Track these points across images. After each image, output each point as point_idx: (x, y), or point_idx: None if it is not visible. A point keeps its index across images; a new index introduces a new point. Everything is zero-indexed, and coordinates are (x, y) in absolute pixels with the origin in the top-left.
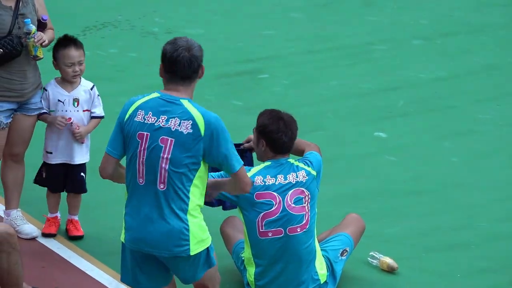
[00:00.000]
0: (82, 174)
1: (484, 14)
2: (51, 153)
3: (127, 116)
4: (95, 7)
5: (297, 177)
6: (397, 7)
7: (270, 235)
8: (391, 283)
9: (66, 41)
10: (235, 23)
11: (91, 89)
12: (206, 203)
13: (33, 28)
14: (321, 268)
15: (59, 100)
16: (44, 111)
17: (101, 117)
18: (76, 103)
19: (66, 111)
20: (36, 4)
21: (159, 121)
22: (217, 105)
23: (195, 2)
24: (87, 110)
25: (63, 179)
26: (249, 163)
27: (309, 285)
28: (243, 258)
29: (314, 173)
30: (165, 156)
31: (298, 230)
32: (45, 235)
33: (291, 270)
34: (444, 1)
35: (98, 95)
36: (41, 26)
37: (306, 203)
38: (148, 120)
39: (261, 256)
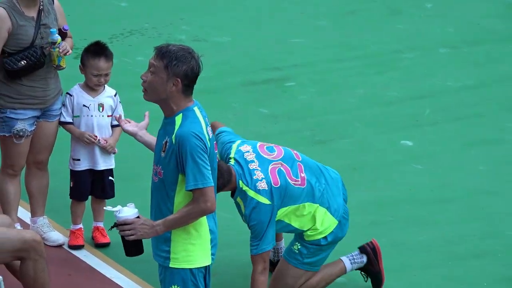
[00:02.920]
0: (110, 178)
1: (511, 23)
2: (78, 160)
3: None
4: (122, 15)
5: None
6: (424, 15)
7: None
8: None
9: (97, 50)
10: (262, 30)
11: (115, 95)
12: None
13: (59, 38)
14: None
15: (84, 105)
16: (69, 120)
17: None
18: (101, 108)
19: (91, 116)
20: (57, 14)
21: None
22: (243, 113)
23: (222, 10)
24: (110, 115)
25: (90, 186)
26: None
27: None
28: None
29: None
30: None
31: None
32: (73, 247)
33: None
34: (471, 9)
35: (120, 102)
36: (62, 35)
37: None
38: None
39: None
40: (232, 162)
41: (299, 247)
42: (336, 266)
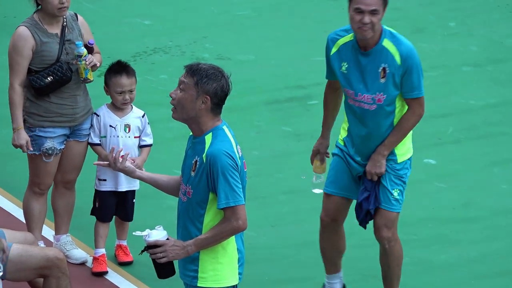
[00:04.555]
0: (134, 200)
1: None
2: (104, 180)
3: None
4: (145, 33)
5: None
6: (447, 33)
7: None
8: None
9: (118, 68)
10: (286, 49)
11: (143, 116)
12: None
13: (84, 51)
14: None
15: (110, 126)
16: (96, 141)
17: (151, 145)
18: (127, 129)
19: (117, 136)
20: (82, 30)
21: None
22: (266, 131)
23: (245, 28)
24: (137, 137)
25: (114, 207)
26: None
27: None
28: None
29: None
30: None
31: None
32: (97, 274)
33: None
34: (495, 28)
35: (148, 123)
36: (88, 50)
37: None
38: None
39: None
40: None
41: (387, 179)
42: None
